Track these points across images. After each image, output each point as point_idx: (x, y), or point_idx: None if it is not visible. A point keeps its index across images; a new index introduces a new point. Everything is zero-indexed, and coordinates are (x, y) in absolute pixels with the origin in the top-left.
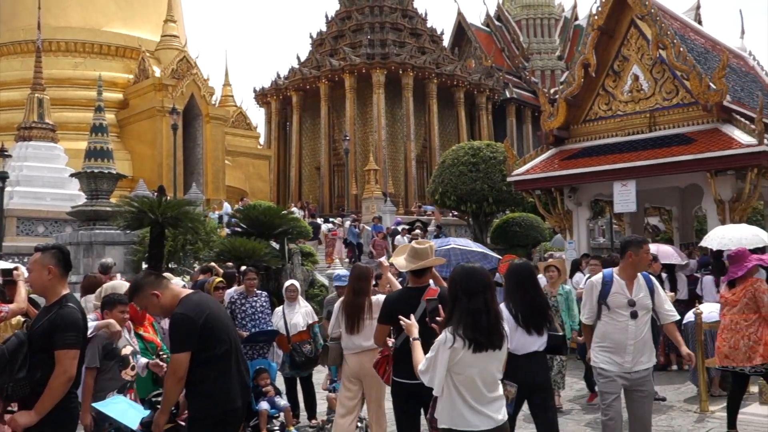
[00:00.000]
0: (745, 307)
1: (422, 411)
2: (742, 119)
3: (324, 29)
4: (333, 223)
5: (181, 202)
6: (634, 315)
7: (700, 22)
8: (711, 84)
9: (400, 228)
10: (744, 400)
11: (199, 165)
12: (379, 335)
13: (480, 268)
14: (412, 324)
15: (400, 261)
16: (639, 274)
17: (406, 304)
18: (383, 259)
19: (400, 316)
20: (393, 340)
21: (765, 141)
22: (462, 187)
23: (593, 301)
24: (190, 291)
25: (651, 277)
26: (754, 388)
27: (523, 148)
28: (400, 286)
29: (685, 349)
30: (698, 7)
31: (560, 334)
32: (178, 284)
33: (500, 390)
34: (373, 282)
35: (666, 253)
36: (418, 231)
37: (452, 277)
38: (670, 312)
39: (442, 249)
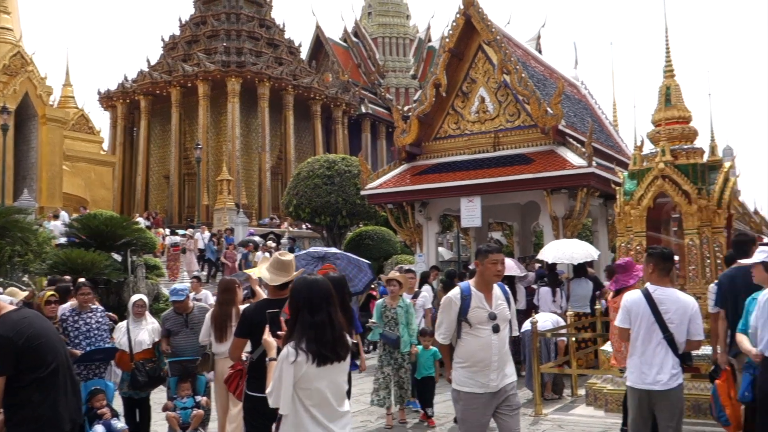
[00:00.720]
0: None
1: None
2: (575, 143)
3: (177, 33)
4: (183, 235)
5: (9, 209)
6: (496, 329)
7: (540, 52)
8: (548, 109)
9: (257, 238)
10: (573, 402)
11: (33, 170)
12: (235, 349)
13: (322, 279)
14: (272, 344)
15: (265, 273)
16: (495, 284)
17: (264, 316)
18: (253, 271)
19: (266, 335)
20: (249, 354)
21: (593, 163)
22: (317, 199)
23: (451, 318)
24: (12, 308)
25: (506, 287)
26: (581, 391)
27: (377, 163)
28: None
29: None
30: (539, 38)
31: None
32: (4, 300)
33: (347, 405)
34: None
35: (507, 265)
36: (271, 243)
37: (294, 289)
38: (514, 328)
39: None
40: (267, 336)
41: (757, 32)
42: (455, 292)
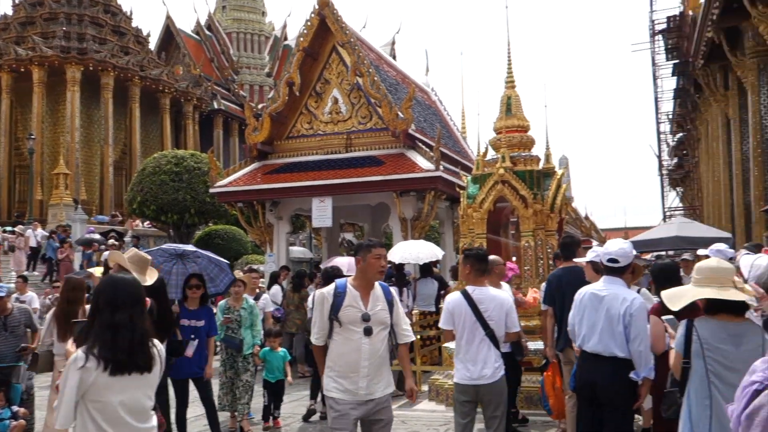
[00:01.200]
0: None
1: None
2: (424, 147)
3: (10, 13)
4: (11, 232)
5: None
6: (368, 331)
7: (394, 57)
8: (399, 113)
9: (96, 236)
10: (417, 398)
11: None
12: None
13: (132, 279)
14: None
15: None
16: (377, 284)
17: None
18: (97, 270)
19: (70, 345)
20: None
21: (441, 167)
22: (163, 196)
23: (324, 317)
24: None
25: (391, 289)
26: (424, 387)
27: (229, 161)
28: None
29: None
30: (393, 43)
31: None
32: None
33: (154, 420)
34: None
35: (352, 265)
36: (113, 241)
37: (97, 288)
38: (406, 331)
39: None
40: (71, 346)
41: (590, 50)
42: (329, 288)
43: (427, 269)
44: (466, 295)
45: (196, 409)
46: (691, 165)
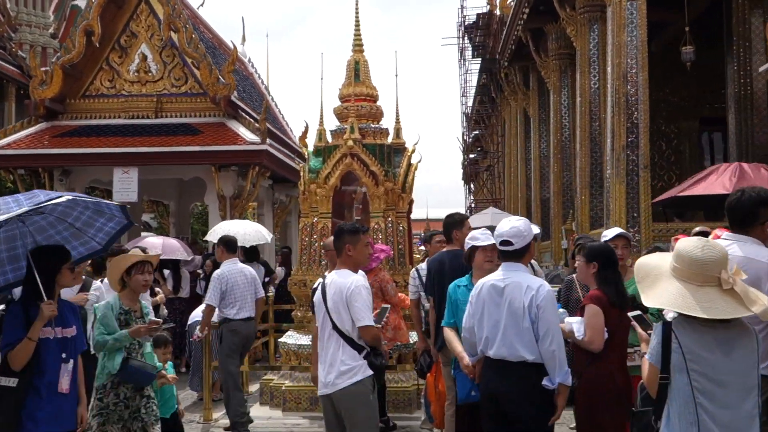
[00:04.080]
0: (374, 296)
1: None
2: (247, 117)
3: None
4: None
5: None
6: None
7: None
8: (221, 77)
9: None
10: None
11: None
12: None
13: None
14: None
15: None
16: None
17: None
18: None
19: None
20: None
21: (267, 141)
22: None
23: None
24: None
25: None
26: (252, 387)
27: (5, 128)
28: None
29: None
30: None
31: None
32: None
33: None
34: None
35: (171, 247)
36: None
37: None
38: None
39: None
40: None
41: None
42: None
43: (252, 253)
44: (322, 283)
45: None
46: (493, 159)
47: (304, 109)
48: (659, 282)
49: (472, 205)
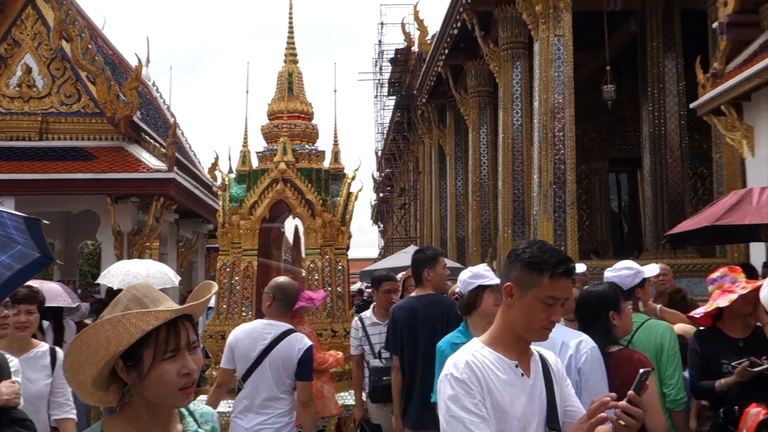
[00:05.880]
0: None
1: None
2: (152, 141)
3: None
4: None
5: None
6: None
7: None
8: (121, 94)
9: None
10: None
11: None
12: None
13: None
14: None
15: None
16: None
17: None
18: None
19: None
20: None
21: (175, 169)
22: None
23: None
24: None
25: None
26: None
27: None
28: None
29: None
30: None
31: None
32: None
33: None
34: None
35: (52, 292)
36: None
37: None
38: None
39: None
40: None
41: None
42: None
43: None
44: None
45: None
46: (408, 197)
47: (210, 148)
48: None
49: (383, 244)
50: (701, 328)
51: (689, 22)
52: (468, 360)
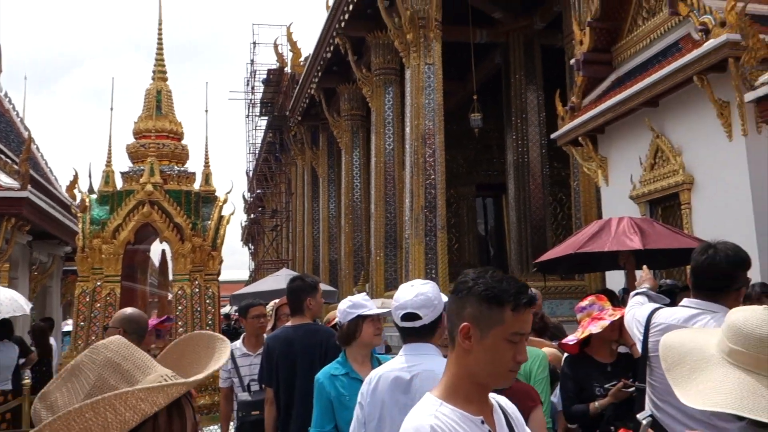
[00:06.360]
0: None
1: None
2: (2, 157)
3: None
4: None
5: None
6: None
7: None
8: None
9: None
10: None
11: None
12: None
13: None
14: None
15: None
16: None
17: None
18: None
19: None
20: None
21: (29, 187)
22: None
23: None
24: None
25: None
26: None
27: None
28: None
29: None
30: None
31: None
32: None
33: None
34: None
35: None
36: None
37: None
38: None
39: None
40: None
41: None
42: None
43: (4, 328)
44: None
45: None
46: (281, 219)
47: (69, 166)
48: (705, 372)
49: (253, 266)
50: (568, 354)
51: (549, 57)
52: (432, 425)
